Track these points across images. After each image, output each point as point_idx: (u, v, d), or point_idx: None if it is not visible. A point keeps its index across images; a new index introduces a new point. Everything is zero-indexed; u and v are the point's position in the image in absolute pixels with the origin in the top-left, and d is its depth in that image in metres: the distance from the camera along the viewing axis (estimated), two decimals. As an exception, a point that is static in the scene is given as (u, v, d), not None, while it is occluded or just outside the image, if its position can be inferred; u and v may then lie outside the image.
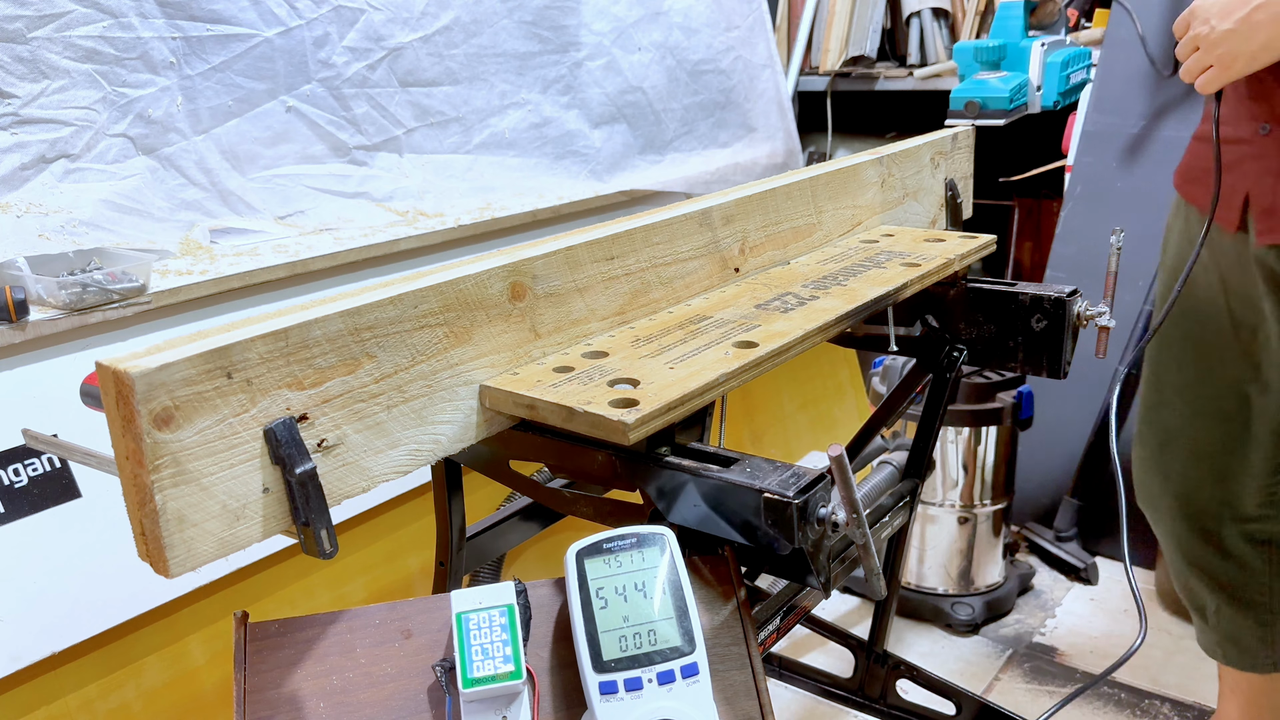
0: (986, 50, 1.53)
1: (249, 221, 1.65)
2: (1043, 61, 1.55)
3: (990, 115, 1.49)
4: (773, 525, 0.74)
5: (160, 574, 0.63)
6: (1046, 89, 1.55)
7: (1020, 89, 1.51)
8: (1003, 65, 1.54)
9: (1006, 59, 1.54)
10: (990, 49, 1.53)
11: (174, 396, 0.61)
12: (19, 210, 1.39)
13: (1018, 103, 1.50)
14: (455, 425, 0.79)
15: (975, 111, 1.49)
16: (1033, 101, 1.54)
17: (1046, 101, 1.55)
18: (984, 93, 1.49)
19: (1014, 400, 2.19)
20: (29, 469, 1.30)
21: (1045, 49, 1.52)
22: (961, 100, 1.52)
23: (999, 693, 2.05)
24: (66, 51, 1.40)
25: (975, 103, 1.49)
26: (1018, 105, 1.50)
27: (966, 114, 1.51)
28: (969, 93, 1.51)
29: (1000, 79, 1.50)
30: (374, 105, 1.77)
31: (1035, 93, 1.53)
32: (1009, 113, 1.47)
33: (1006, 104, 1.49)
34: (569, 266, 0.87)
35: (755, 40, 2.57)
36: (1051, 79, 1.55)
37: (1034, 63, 1.54)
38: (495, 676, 0.68)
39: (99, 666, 1.37)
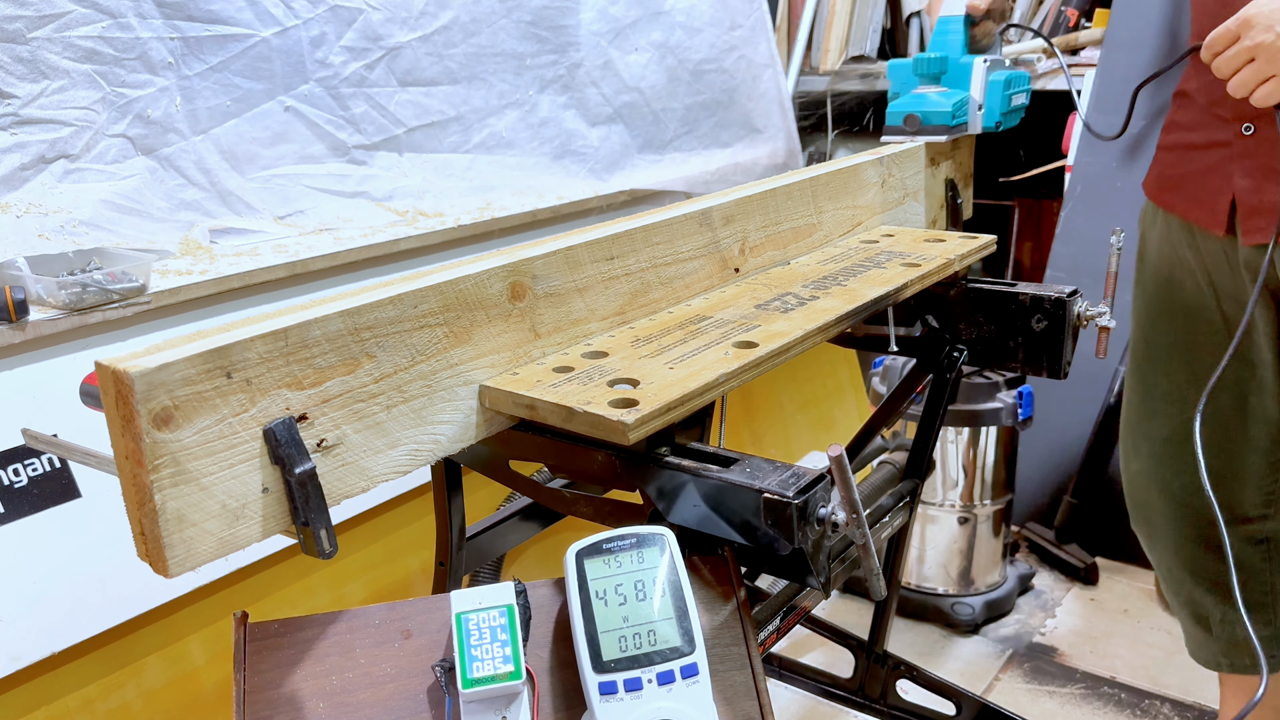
0: (927, 63, 1.42)
1: (248, 221, 1.65)
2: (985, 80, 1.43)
3: (931, 131, 1.37)
4: (772, 525, 0.74)
5: (160, 574, 0.63)
6: (989, 108, 1.43)
7: (962, 106, 1.40)
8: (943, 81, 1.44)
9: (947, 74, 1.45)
10: (932, 61, 1.42)
11: (173, 396, 0.61)
12: (19, 210, 1.39)
13: (959, 120, 1.40)
14: (455, 425, 0.79)
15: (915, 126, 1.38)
16: (973, 121, 1.44)
17: (988, 122, 1.44)
18: (925, 106, 1.38)
19: (1014, 400, 2.19)
20: (29, 469, 1.30)
21: (988, 66, 1.43)
22: (900, 114, 1.40)
23: (999, 693, 2.05)
24: (66, 52, 1.40)
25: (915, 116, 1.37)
26: (959, 123, 1.40)
27: (906, 129, 1.39)
28: (909, 106, 1.39)
29: (941, 94, 1.40)
30: (372, 105, 1.77)
31: (976, 112, 1.43)
32: (950, 129, 1.37)
33: (948, 119, 1.37)
34: (569, 266, 0.87)
35: (757, 40, 2.58)
36: (994, 98, 1.43)
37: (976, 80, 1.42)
38: (495, 677, 0.68)
39: (99, 666, 1.37)
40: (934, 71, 1.43)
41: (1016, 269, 3.45)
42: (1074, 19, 2.83)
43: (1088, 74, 2.67)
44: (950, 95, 1.39)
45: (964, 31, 1.44)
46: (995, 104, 1.43)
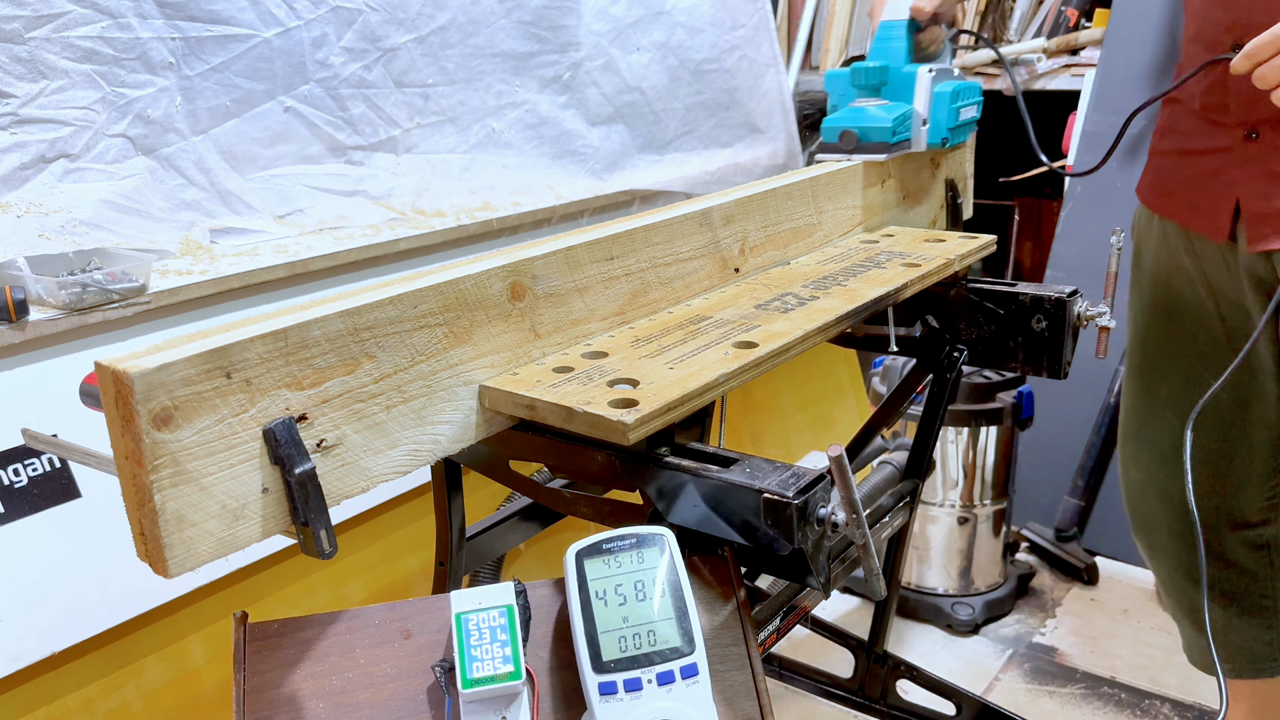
0: (866, 73, 1.28)
1: (248, 221, 1.65)
2: (930, 91, 1.28)
3: (869, 149, 1.24)
4: (772, 525, 0.74)
5: (159, 574, 0.63)
6: (934, 123, 1.29)
7: (904, 120, 1.27)
8: (883, 92, 1.31)
9: (888, 85, 1.30)
10: (870, 71, 1.28)
11: (173, 396, 0.61)
12: (19, 210, 1.39)
13: (901, 136, 1.26)
14: (455, 425, 0.79)
15: (852, 144, 1.24)
16: (917, 137, 1.29)
17: (934, 138, 1.29)
18: (863, 121, 1.24)
19: (1014, 400, 2.19)
20: (29, 469, 1.30)
21: (933, 77, 1.29)
22: (835, 130, 1.25)
23: (999, 693, 2.05)
24: (65, 52, 1.40)
25: (852, 133, 1.24)
26: (901, 139, 1.27)
27: (841, 146, 1.25)
28: (845, 121, 1.25)
29: (882, 107, 1.26)
30: (370, 105, 1.77)
31: (921, 127, 1.29)
32: (891, 147, 1.25)
33: (889, 136, 1.23)
34: (569, 266, 0.87)
35: (760, 39, 2.57)
36: (940, 112, 1.28)
37: (920, 92, 1.28)
38: (495, 677, 0.68)
39: (99, 666, 1.37)
40: (873, 82, 1.29)
41: (1016, 269, 3.45)
42: (1074, 19, 2.83)
43: (1088, 74, 2.67)
44: (891, 109, 1.26)
45: (907, 38, 1.31)
46: (942, 118, 1.29)
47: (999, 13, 3.03)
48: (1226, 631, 1.47)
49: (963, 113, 1.33)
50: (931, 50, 1.37)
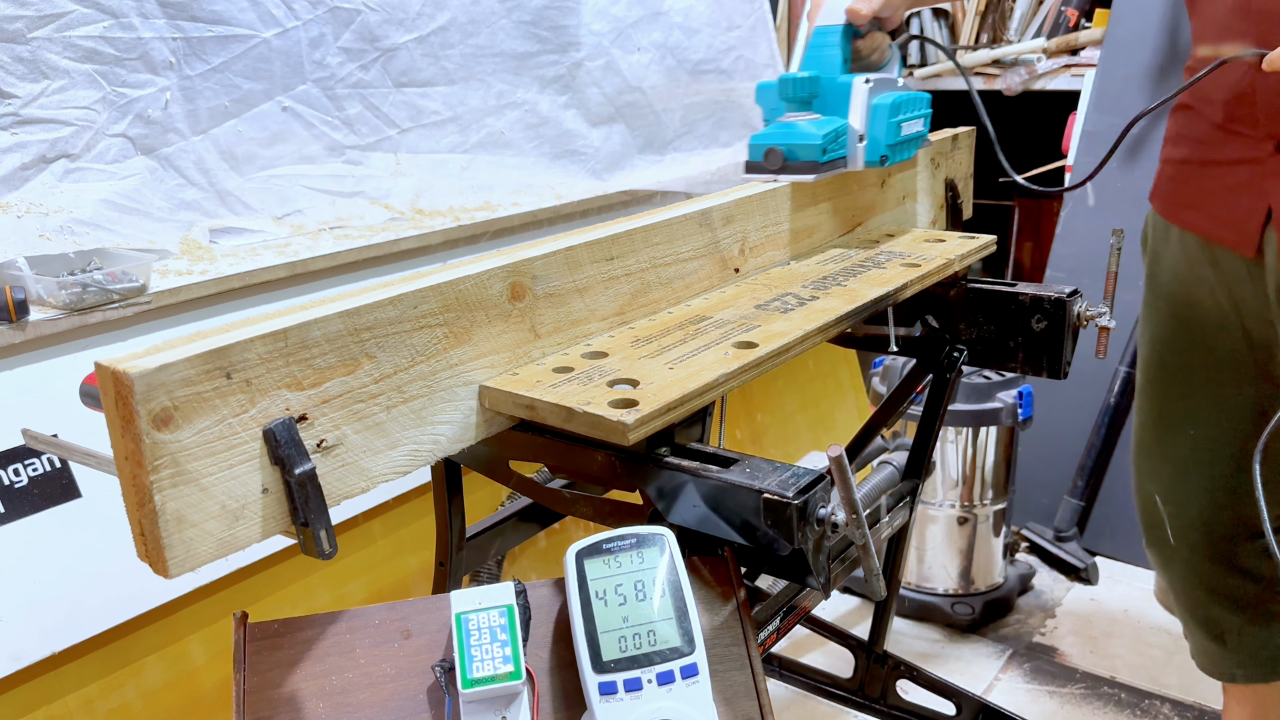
0: (795, 84, 1.15)
1: (248, 221, 1.65)
2: (867, 104, 1.15)
3: (797, 168, 1.12)
4: (772, 526, 0.74)
5: (159, 574, 0.63)
6: (872, 140, 1.16)
7: (837, 136, 1.14)
8: (815, 105, 1.18)
9: (820, 97, 1.18)
10: (800, 82, 1.15)
11: (173, 397, 0.61)
12: (19, 210, 1.39)
13: (834, 154, 1.14)
14: (455, 425, 0.79)
15: (778, 163, 1.12)
16: (854, 155, 1.17)
17: (871, 156, 1.17)
18: (790, 139, 1.12)
19: (1014, 400, 2.19)
20: (29, 469, 1.30)
21: (871, 88, 1.16)
22: (761, 148, 1.13)
23: (999, 693, 2.05)
24: (67, 52, 1.40)
25: (778, 151, 1.12)
26: (834, 157, 1.14)
27: (767, 165, 1.13)
28: (771, 138, 1.13)
29: (812, 122, 1.14)
30: (368, 106, 1.77)
31: (858, 144, 1.16)
32: (821, 166, 1.12)
33: (819, 154, 1.11)
34: (569, 267, 0.87)
35: (757, 40, 2.58)
36: (878, 127, 1.15)
37: (856, 105, 1.15)
38: (495, 677, 0.68)
39: (99, 666, 1.37)
40: (802, 95, 1.17)
41: (1016, 269, 3.45)
42: (1074, 19, 2.83)
43: (1088, 74, 2.67)
44: (823, 124, 1.13)
45: (843, 45, 1.18)
46: (880, 134, 1.16)
47: (999, 13, 3.03)
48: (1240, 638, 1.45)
49: (906, 127, 1.20)
50: (874, 59, 1.25)
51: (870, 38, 1.22)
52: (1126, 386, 2.47)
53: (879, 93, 1.17)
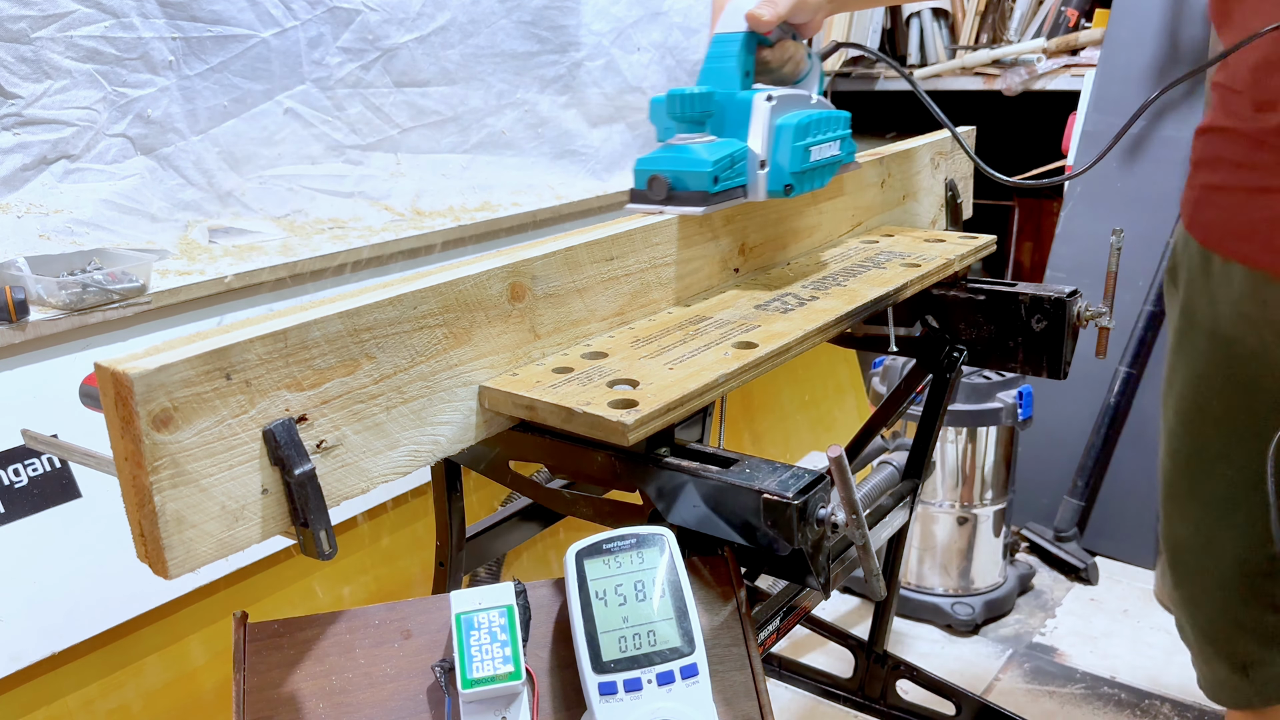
0: (684, 101, 0.99)
1: (247, 221, 1.65)
2: (769, 124, 0.99)
3: (685, 199, 0.96)
4: (772, 526, 0.74)
5: (159, 575, 0.63)
6: (774, 166, 1.00)
7: (734, 162, 0.98)
8: (711, 125, 1.02)
9: (717, 116, 1.02)
10: (690, 99, 0.99)
11: (173, 398, 0.61)
12: (19, 210, 1.39)
13: (728, 182, 0.98)
14: (454, 426, 0.79)
15: (662, 193, 0.97)
16: (754, 183, 1.01)
17: (774, 185, 1.01)
18: (677, 165, 0.96)
19: (1014, 400, 2.19)
20: (29, 469, 1.30)
21: (774, 106, 1.00)
22: (645, 175, 0.98)
23: (999, 693, 2.05)
24: (69, 52, 1.40)
25: (662, 179, 0.96)
26: (728, 186, 0.98)
27: (651, 195, 0.98)
28: (656, 164, 0.98)
29: (706, 145, 0.98)
30: (368, 105, 1.77)
31: (759, 170, 1.00)
32: (713, 197, 0.96)
33: (709, 183, 0.96)
34: (569, 267, 0.87)
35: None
36: (782, 151, 1.00)
37: (756, 125, 0.99)
38: (495, 677, 0.68)
39: (99, 666, 1.37)
40: (693, 114, 1.00)
41: (1016, 269, 3.46)
42: (1074, 19, 2.83)
43: (1088, 74, 2.67)
44: (717, 148, 0.98)
45: (743, 55, 1.01)
46: (785, 158, 1.00)
47: (999, 13, 3.03)
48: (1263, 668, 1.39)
49: (817, 151, 1.03)
50: (787, 71, 1.09)
51: (780, 47, 1.07)
52: (1126, 386, 2.47)
53: (785, 111, 1.01)
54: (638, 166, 0.99)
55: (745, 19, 1.01)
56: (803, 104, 1.05)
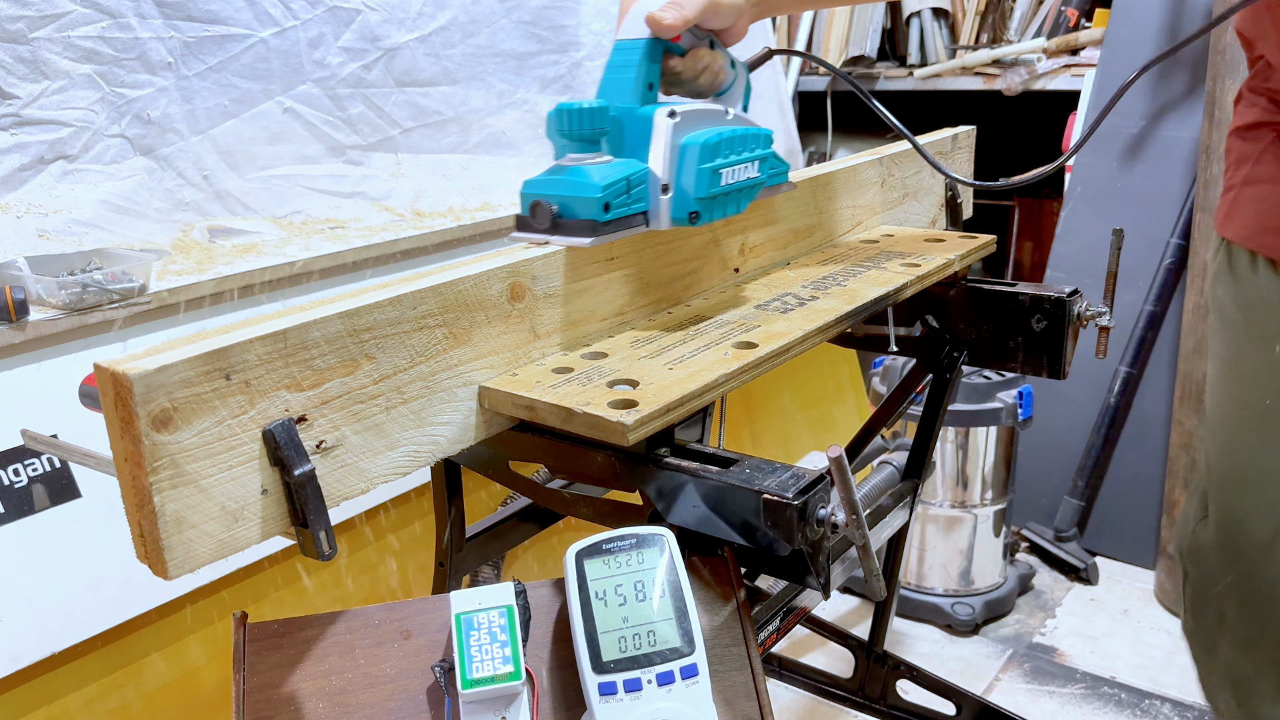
0: (574, 117, 0.87)
1: (247, 222, 1.65)
2: (671, 144, 0.88)
3: (572, 229, 0.86)
4: (772, 526, 0.74)
5: (159, 575, 0.63)
6: (678, 191, 0.89)
7: (630, 186, 0.87)
8: (609, 144, 0.90)
9: (615, 134, 0.90)
10: (581, 114, 0.87)
11: (172, 398, 0.61)
12: (19, 210, 1.39)
13: (624, 209, 0.87)
14: (454, 426, 0.79)
15: (546, 221, 0.87)
16: (656, 210, 0.90)
17: (677, 212, 0.90)
18: (564, 189, 0.86)
19: (1014, 400, 2.19)
20: (29, 469, 1.30)
21: (677, 123, 0.89)
22: (529, 199, 0.89)
23: (999, 693, 2.05)
24: (66, 52, 1.40)
25: (545, 205, 0.87)
26: (624, 214, 0.87)
27: (534, 223, 0.88)
28: (541, 187, 0.89)
29: (598, 167, 0.86)
30: (369, 105, 1.77)
31: (660, 195, 0.89)
32: (604, 227, 0.86)
33: (598, 211, 0.85)
34: (569, 267, 0.87)
35: (755, 40, 2.57)
36: (686, 174, 0.89)
37: (656, 145, 0.89)
38: (494, 677, 0.68)
39: (99, 666, 1.37)
40: (584, 131, 0.87)
41: (1016, 269, 3.46)
42: (1074, 19, 2.83)
43: (1088, 74, 2.67)
44: (610, 171, 0.86)
45: (644, 65, 0.89)
46: (689, 183, 0.89)
47: (999, 13, 3.03)
48: None
49: (729, 174, 0.92)
50: (703, 82, 0.97)
51: (694, 55, 0.95)
52: (1126, 386, 2.47)
53: (691, 129, 0.90)
54: (523, 190, 0.88)
55: (646, 23, 0.89)
56: (715, 120, 0.93)
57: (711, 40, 0.96)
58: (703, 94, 0.99)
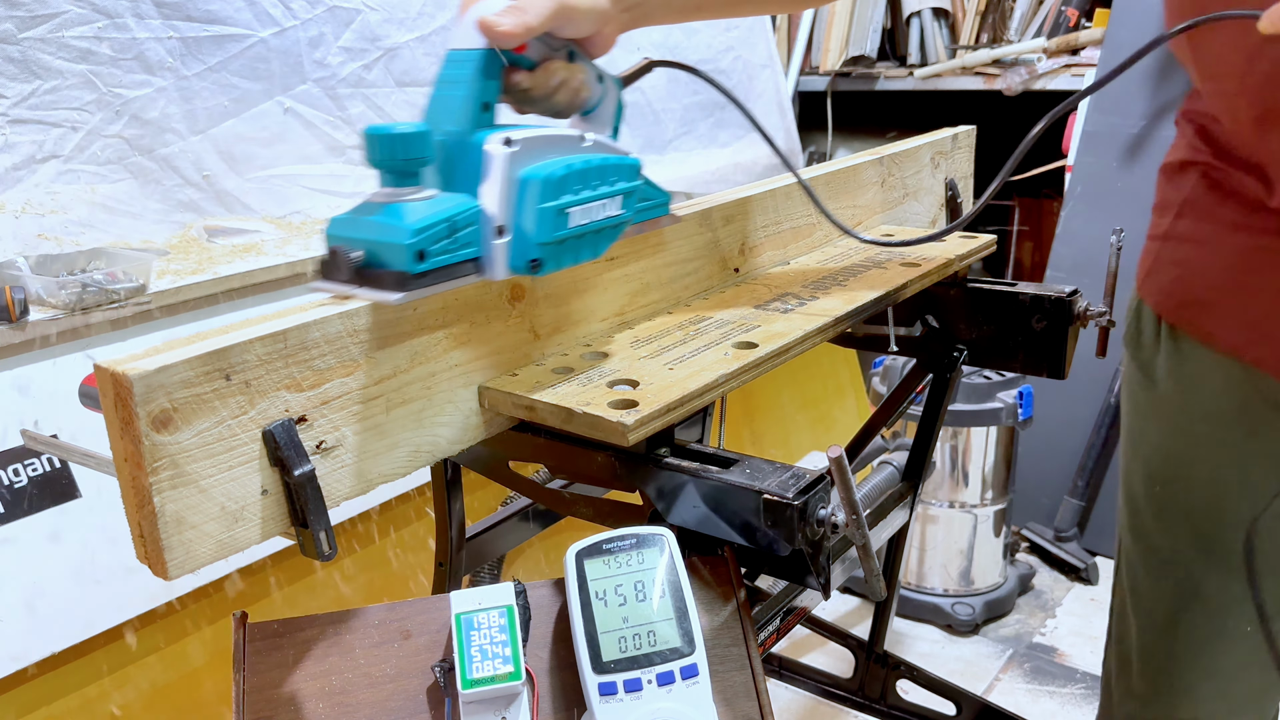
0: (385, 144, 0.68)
1: (247, 221, 1.65)
2: (506, 177, 0.73)
3: (379, 280, 0.68)
4: (772, 526, 0.74)
5: (159, 576, 0.63)
6: (516, 234, 0.74)
7: (454, 230, 0.70)
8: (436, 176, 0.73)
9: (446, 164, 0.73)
10: (390, 140, 0.68)
11: (172, 398, 0.61)
12: (15, 210, 1.39)
13: (446, 257, 0.70)
14: (454, 427, 0.79)
15: (347, 271, 0.69)
16: (491, 258, 0.73)
17: (515, 260, 0.74)
18: (370, 232, 0.69)
19: (1014, 400, 2.19)
20: (29, 469, 1.30)
21: (514, 153, 0.73)
22: (332, 242, 0.70)
23: (999, 693, 2.05)
24: (60, 52, 1.40)
25: (344, 252, 0.69)
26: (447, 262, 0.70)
27: (335, 272, 0.69)
28: (345, 228, 0.70)
29: (416, 205, 0.69)
30: (370, 105, 1.77)
31: (495, 239, 0.73)
32: (415, 280, 0.68)
33: (410, 261, 0.68)
34: (569, 267, 0.87)
35: (755, 40, 2.58)
36: (526, 213, 0.73)
37: (490, 179, 0.72)
38: (495, 677, 0.68)
39: (99, 666, 1.37)
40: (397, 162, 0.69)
41: (1016, 269, 3.46)
42: (1074, 19, 2.83)
43: (1088, 74, 2.68)
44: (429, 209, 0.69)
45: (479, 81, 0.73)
46: (531, 224, 0.73)
47: (999, 13, 3.03)
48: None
49: (581, 213, 0.77)
50: (559, 100, 0.80)
51: (546, 69, 0.77)
52: (1126, 386, 2.47)
53: (533, 159, 0.74)
54: (327, 229, 0.71)
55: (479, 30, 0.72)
56: (566, 147, 0.78)
57: (571, 51, 0.80)
58: (562, 114, 0.82)
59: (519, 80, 0.76)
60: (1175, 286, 0.98)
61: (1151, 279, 1.02)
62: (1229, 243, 0.91)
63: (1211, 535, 0.97)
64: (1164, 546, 1.02)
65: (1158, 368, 1.02)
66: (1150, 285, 1.03)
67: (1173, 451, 1.00)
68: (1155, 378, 1.02)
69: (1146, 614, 1.05)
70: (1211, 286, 0.94)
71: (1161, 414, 1.02)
